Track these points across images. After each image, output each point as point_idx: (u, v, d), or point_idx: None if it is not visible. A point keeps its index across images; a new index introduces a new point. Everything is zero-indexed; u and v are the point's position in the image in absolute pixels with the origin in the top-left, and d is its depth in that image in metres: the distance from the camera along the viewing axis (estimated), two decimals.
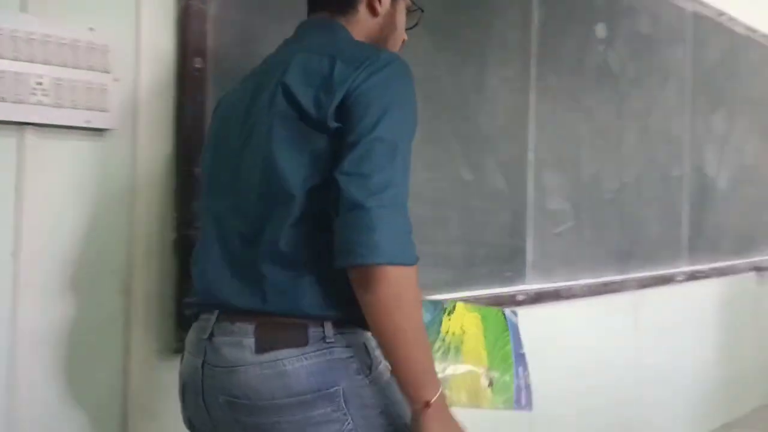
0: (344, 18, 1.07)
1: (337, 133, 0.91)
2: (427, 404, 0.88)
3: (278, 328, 0.92)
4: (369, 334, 0.95)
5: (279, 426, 0.91)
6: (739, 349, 3.28)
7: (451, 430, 0.91)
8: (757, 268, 3.42)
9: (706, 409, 3.04)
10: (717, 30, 3.06)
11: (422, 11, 1.16)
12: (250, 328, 0.92)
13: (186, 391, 1.02)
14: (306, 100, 0.92)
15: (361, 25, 1.08)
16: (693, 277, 2.89)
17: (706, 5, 2.94)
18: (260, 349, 0.91)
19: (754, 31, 3.33)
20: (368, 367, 0.95)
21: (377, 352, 0.95)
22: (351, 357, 0.94)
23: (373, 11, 1.08)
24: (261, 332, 0.92)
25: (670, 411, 2.81)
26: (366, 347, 0.96)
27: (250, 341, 0.92)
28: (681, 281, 2.82)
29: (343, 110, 0.91)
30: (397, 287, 0.86)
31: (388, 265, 0.85)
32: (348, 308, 0.91)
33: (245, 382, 0.91)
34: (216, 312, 0.97)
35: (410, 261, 0.87)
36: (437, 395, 0.90)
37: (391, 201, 0.87)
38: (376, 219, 0.85)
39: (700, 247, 2.94)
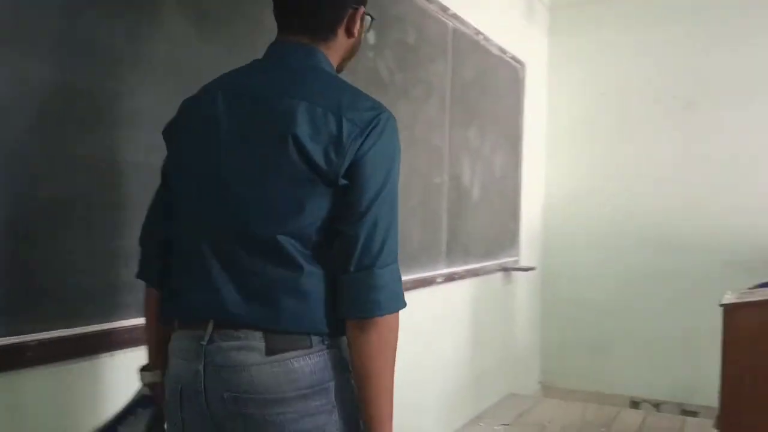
0: (325, 44, 1.16)
1: (343, 188, 1.07)
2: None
3: (286, 338, 1.07)
4: (345, 338, 1.11)
5: (283, 416, 1.06)
6: (488, 344, 3.58)
7: None
8: (504, 269, 3.78)
9: (458, 403, 3.25)
10: (474, 48, 3.30)
11: (373, 19, 1.25)
12: (257, 334, 1.06)
13: (183, 394, 1.12)
14: (317, 155, 1.04)
15: (338, 47, 1.19)
16: (450, 278, 3.08)
17: (464, 23, 3.15)
18: (270, 352, 1.06)
19: (504, 52, 3.67)
20: (347, 367, 1.12)
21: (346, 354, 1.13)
22: (339, 359, 1.11)
23: (350, 33, 1.19)
24: (270, 339, 1.06)
25: (426, 410, 2.95)
26: (344, 351, 1.12)
27: (261, 345, 1.06)
28: (440, 283, 2.98)
29: (352, 170, 1.06)
30: (386, 333, 1.08)
31: (382, 316, 1.06)
32: (337, 323, 1.09)
33: (257, 379, 1.06)
34: (211, 321, 1.09)
35: (399, 307, 1.09)
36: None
37: (391, 258, 1.09)
38: (378, 279, 1.06)
39: (456, 251, 3.13)
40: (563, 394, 4.14)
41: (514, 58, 3.81)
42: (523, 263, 4.02)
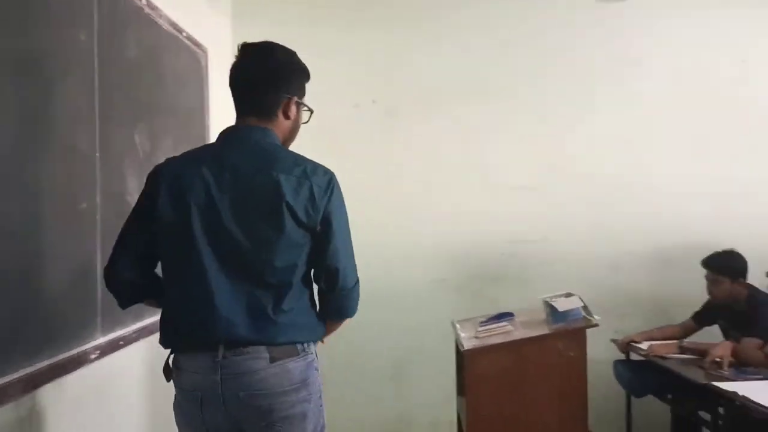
0: (270, 123, 1.58)
1: (319, 234, 1.54)
2: None
3: (282, 349, 1.51)
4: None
5: (284, 404, 1.50)
6: None
7: None
8: None
9: None
10: (135, 17, 2.38)
11: (312, 111, 1.67)
12: (261, 348, 1.49)
13: (204, 399, 1.50)
14: (301, 213, 1.51)
15: (280, 127, 1.60)
16: (114, 347, 2.12)
17: None
18: (273, 360, 1.49)
19: (180, 30, 2.80)
20: (316, 366, 1.59)
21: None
22: (314, 360, 1.58)
23: (286, 116, 1.60)
24: (272, 350, 1.50)
25: None
26: (315, 353, 1.61)
27: (266, 356, 1.49)
28: (96, 359, 2.00)
29: (324, 221, 1.54)
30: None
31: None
32: (310, 333, 1.59)
33: (265, 379, 1.49)
34: (222, 344, 1.49)
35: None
36: None
37: (356, 280, 1.63)
38: (353, 295, 1.63)
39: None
40: None
41: (193, 40, 2.98)
42: None
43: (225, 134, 1.58)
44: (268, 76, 1.58)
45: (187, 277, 1.51)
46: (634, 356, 3.43)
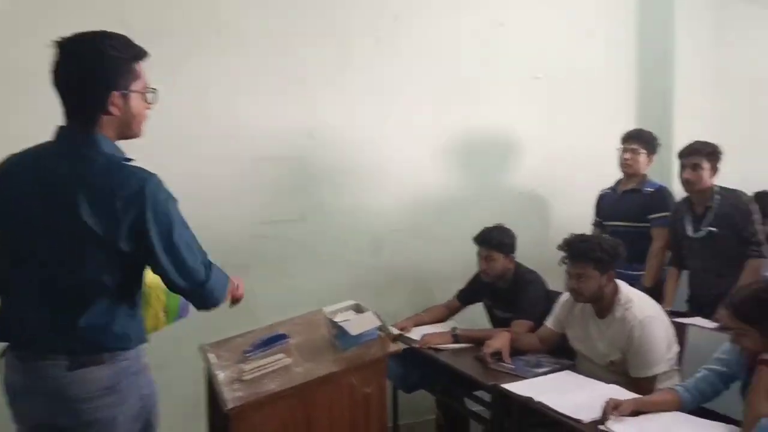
0: (95, 125, 1.53)
1: (134, 246, 1.52)
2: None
3: (84, 356, 1.53)
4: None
5: (87, 410, 1.55)
6: None
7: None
8: None
9: None
10: None
11: (155, 90, 1.62)
12: (61, 356, 1.52)
13: (17, 399, 1.59)
14: (101, 229, 1.49)
15: (110, 124, 1.55)
16: None
17: None
18: (73, 367, 1.53)
19: None
20: (136, 372, 1.61)
21: None
22: (130, 366, 1.59)
23: (118, 111, 1.54)
24: (73, 358, 1.52)
25: None
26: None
27: (65, 363, 1.52)
28: None
29: (132, 234, 1.51)
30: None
31: None
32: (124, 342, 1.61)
33: (65, 385, 1.53)
34: (25, 348, 1.56)
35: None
36: None
37: (203, 274, 1.64)
38: (205, 292, 1.64)
39: None
40: None
41: None
42: None
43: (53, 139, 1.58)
44: (80, 77, 1.53)
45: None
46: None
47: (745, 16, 4.27)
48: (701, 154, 3.10)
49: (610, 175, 3.67)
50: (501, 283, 3.15)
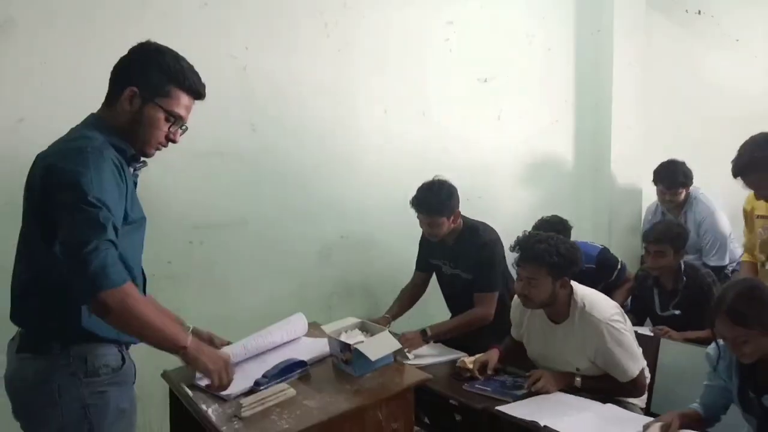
0: (107, 110, 1.61)
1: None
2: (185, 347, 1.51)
3: (25, 342, 1.55)
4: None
5: (25, 400, 1.56)
6: None
7: (206, 355, 1.54)
8: None
9: None
10: None
11: (182, 122, 1.65)
12: (17, 336, 1.58)
13: None
14: (35, 197, 1.53)
15: (118, 118, 1.59)
16: None
17: None
18: (18, 350, 1.55)
19: None
20: (77, 374, 1.52)
21: None
22: (69, 366, 1.50)
23: (127, 106, 1.58)
24: (20, 341, 1.56)
25: None
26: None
27: (16, 345, 1.57)
28: None
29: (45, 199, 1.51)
30: None
31: None
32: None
33: (13, 370, 1.56)
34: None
35: None
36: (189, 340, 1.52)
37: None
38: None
39: None
40: None
41: None
42: None
43: None
44: (121, 65, 1.63)
45: None
46: None
47: (669, 34, 4.45)
48: (664, 242, 3.03)
49: (549, 185, 3.64)
50: (449, 239, 2.88)
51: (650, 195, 4.12)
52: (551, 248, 2.27)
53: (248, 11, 2.93)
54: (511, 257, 2.50)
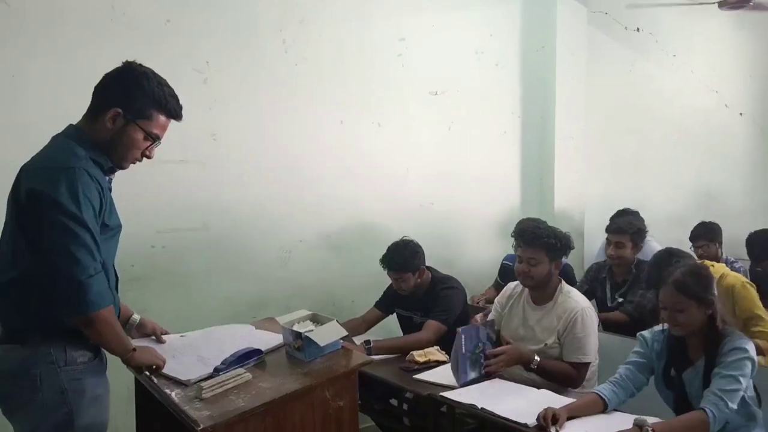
0: (90, 124, 1.74)
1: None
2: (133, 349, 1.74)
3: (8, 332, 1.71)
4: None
5: (7, 387, 1.70)
6: None
7: (146, 353, 1.79)
8: None
9: None
10: None
11: (158, 140, 1.80)
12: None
13: None
14: (15, 209, 1.70)
15: (100, 134, 1.72)
16: None
17: None
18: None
19: None
20: (56, 362, 1.68)
21: None
22: (49, 355, 1.67)
23: (105, 125, 1.71)
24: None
25: None
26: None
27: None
28: None
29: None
30: None
31: None
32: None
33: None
34: None
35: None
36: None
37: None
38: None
39: None
40: None
41: None
42: None
43: None
44: (105, 84, 1.75)
45: None
46: None
47: (610, 49, 4.75)
48: (625, 233, 3.34)
49: (497, 193, 3.88)
50: (419, 292, 3.15)
51: (592, 199, 4.41)
52: (550, 233, 2.64)
53: (210, 27, 3.10)
54: (509, 242, 2.81)
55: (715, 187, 5.50)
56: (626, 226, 3.38)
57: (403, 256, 3.05)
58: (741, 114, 5.85)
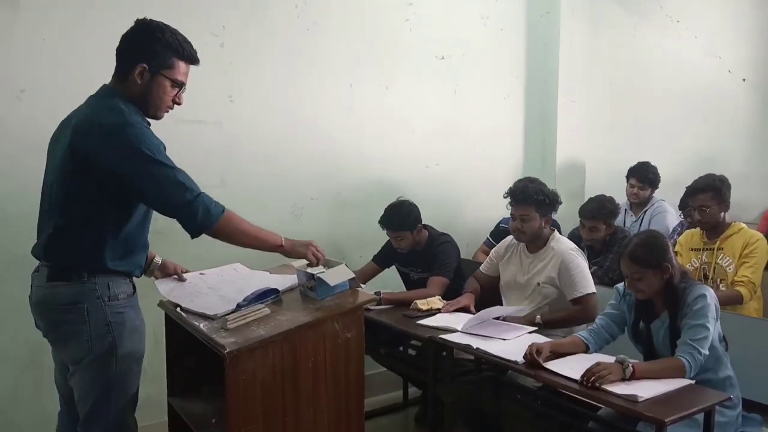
0: (122, 84, 1.90)
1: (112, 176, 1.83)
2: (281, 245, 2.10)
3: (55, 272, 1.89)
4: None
5: (55, 322, 1.90)
6: None
7: (297, 244, 2.16)
8: None
9: None
10: None
11: (183, 86, 1.97)
12: (45, 267, 1.90)
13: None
14: (77, 158, 1.83)
15: (131, 90, 1.89)
16: None
17: None
18: (48, 279, 1.87)
19: None
20: (102, 297, 1.89)
21: None
22: (95, 290, 1.88)
23: (140, 79, 1.88)
24: (50, 271, 1.90)
25: None
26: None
27: (45, 274, 1.89)
28: None
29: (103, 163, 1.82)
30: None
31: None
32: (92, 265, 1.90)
33: (42, 296, 1.89)
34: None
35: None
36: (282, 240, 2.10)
37: (185, 199, 1.91)
38: (184, 212, 1.93)
39: None
40: None
41: None
42: None
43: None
44: (127, 43, 1.91)
45: None
46: None
47: (614, 15, 4.85)
48: (598, 218, 3.53)
49: (500, 155, 4.03)
50: (417, 249, 3.35)
51: (593, 161, 4.56)
52: (538, 190, 2.90)
53: None
54: (503, 204, 3.04)
55: (716, 152, 5.62)
56: (598, 212, 3.54)
57: (399, 216, 3.26)
58: (744, 80, 5.94)
